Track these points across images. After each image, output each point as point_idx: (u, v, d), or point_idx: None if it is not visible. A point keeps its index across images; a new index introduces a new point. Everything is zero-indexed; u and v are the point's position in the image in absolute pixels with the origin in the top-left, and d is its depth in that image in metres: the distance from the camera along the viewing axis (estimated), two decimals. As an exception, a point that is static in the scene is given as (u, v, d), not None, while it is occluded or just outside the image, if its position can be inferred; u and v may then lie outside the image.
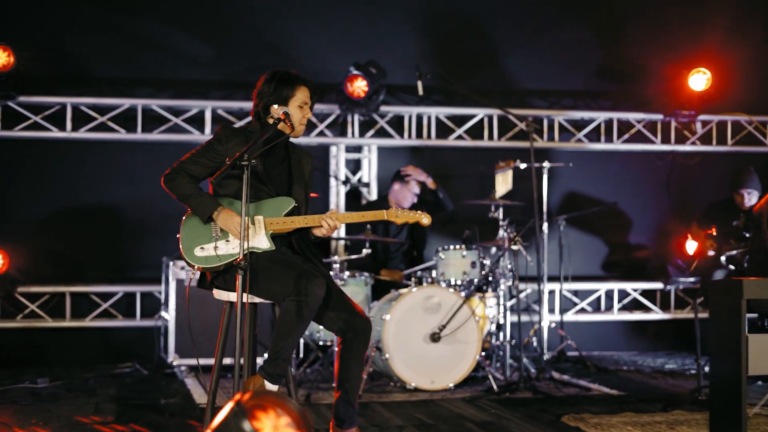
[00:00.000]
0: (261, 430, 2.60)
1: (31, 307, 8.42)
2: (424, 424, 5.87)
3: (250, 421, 2.59)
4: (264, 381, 4.50)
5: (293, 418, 2.66)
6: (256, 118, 4.93)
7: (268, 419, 2.62)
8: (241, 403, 2.64)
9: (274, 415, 2.62)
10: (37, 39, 8.42)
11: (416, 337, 6.96)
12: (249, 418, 2.59)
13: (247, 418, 2.59)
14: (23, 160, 8.53)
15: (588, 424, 5.82)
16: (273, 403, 2.65)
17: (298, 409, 2.70)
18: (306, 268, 4.57)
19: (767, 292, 4.97)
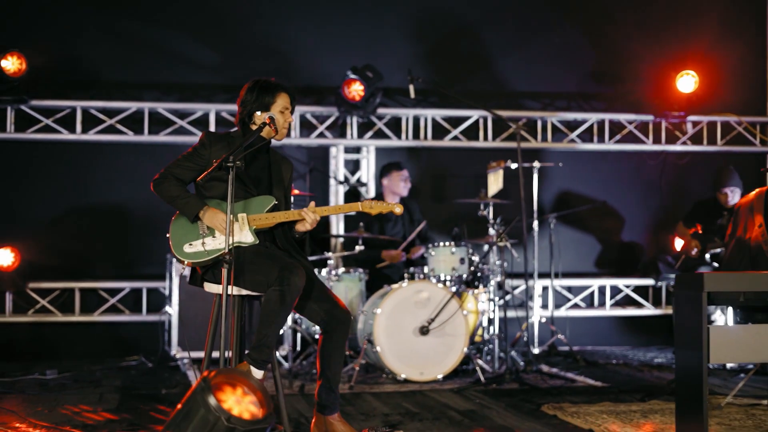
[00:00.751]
0: (225, 404, 2.89)
1: (41, 302, 8.78)
2: (410, 412, 6.16)
3: (215, 394, 2.89)
4: (250, 367, 4.80)
5: (256, 396, 2.96)
6: (241, 125, 5.24)
7: (233, 394, 2.92)
8: (207, 379, 2.94)
9: (236, 389, 2.92)
10: (49, 45, 8.76)
11: (406, 331, 7.26)
12: (214, 392, 2.90)
13: (212, 393, 2.89)
14: (35, 161, 8.89)
15: (566, 412, 6.10)
16: (231, 378, 2.95)
17: (261, 388, 3.00)
18: (287, 261, 4.87)
19: (726, 285, 5.23)
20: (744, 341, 5.30)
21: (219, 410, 2.83)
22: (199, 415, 2.88)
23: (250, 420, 2.88)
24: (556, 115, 9.70)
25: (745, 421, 5.81)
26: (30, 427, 5.54)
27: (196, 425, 2.89)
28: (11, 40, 8.37)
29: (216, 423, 2.85)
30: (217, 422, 2.84)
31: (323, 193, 9.36)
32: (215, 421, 2.85)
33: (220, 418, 2.84)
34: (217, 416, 2.85)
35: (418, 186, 9.49)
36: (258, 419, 2.90)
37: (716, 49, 9.79)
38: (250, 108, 5.20)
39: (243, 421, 2.86)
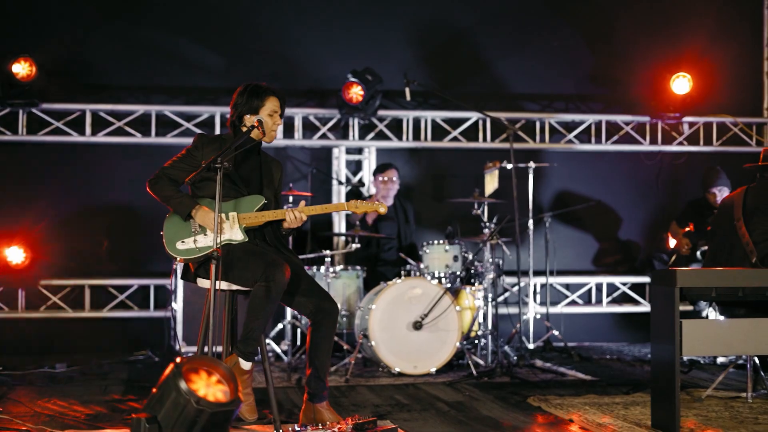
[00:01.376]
0: (195, 388, 3.14)
1: (53, 299, 9.08)
2: (400, 403, 6.40)
3: (185, 379, 3.15)
4: (239, 359, 5.07)
5: (221, 375, 3.21)
6: (232, 127, 5.50)
7: (201, 378, 3.18)
8: (177, 366, 3.19)
9: (205, 374, 3.18)
10: (59, 50, 9.04)
11: (400, 326, 7.51)
12: (185, 377, 3.15)
13: (183, 378, 3.15)
14: (46, 163, 9.18)
15: (550, 404, 6.32)
16: (204, 364, 3.21)
17: (225, 368, 3.25)
18: (273, 258, 5.12)
19: (698, 281, 5.45)
20: (716, 335, 5.53)
21: (189, 394, 3.08)
22: (171, 398, 3.13)
23: (218, 402, 3.12)
24: (554, 117, 9.91)
25: (722, 413, 6.00)
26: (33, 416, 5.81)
27: (169, 407, 3.14)
28: (22, 45, 8.66)
29: (186, 405, 3.09)
30: (187, 404, 3.09)
31: (326, 193, 9.60)
32: (185, 404, 3.09)
33: (189, 401, 3.08)
34: (187, 399, 3.09)
35: (418, 186, 9.73)
36: (226, 401, 3.14)
37: (712, 51, 9.97)
38: (240, 111, 5.46)
39: (211, 404, 3.10)
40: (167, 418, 3.15)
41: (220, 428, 3.20)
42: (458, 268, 7.86)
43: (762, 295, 5.51)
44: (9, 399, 6.44)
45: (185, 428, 3.11)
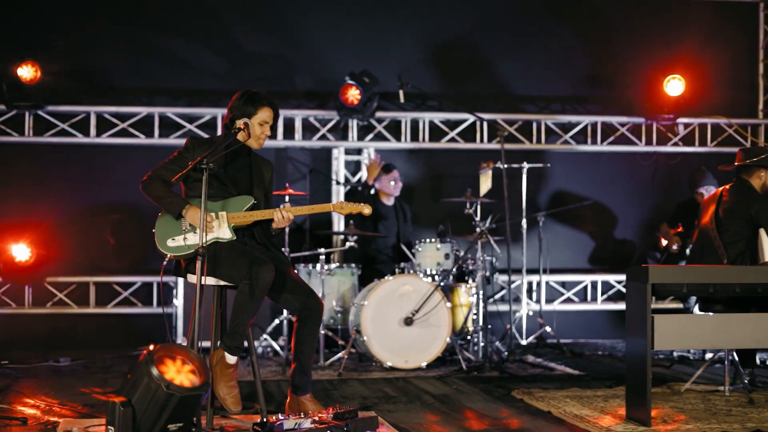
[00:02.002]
0: (165, 374, 3.37)
1: (59, 295, 9.35)
2: (387, 395, 6.62)
3: (156, 366, 3.38)
4: (224, 353, 5.30)
5: (191, 361, 3.44)
6: (225, 129, 5.72)
7: (171, 365, 3.41)
8: (151, 353, 3.42)
9: (174, 360, 3.40)
10: (65, 54, 9.30)
11: (392, 321, 7.72)
12: (156, 364, 3.39)
13: (155, 364, 3.38)
14: (52, 163, 9.43)
15: (533, 397, 6.52)
16: (172, 351, 3.43)
17: (195, 355, 3.48)
18: (258, 256, 5.33)
19: (670, 278, 5.65)
20: (686, 330, 5.74)
21: (160, 379, 3.31)
22: (144, 383, 3.37)
23: (187, 387, 3.35)
24: (551, 118, 10.11)
25: (698, 405, 6.19)
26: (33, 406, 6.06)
27: (142, 391, 3.37)
28: (28, 49, 8.93)
29: (157, 390, 3.32)
30: (158, 389, 3.32)
31: (326, 193, 9.82)
32: (156, 388, 3.32)
33: (160, 386, 3.32)
34: (158, 384, 3.32)
35: (416, 186, 9.94)
36: (195, 386, 3.37)
37: (707, 54, 10.15)
38: (234, 114, 5.67)
39: (180, 388, 3.33)
40: (140, 402, 3.37)
41: (190, 410, 3.43)
42: (449, 266, 8.06)
43: (733, 291, 5.69)
44: (12, 390, 6.69)
45: (157, 411, 3.33)
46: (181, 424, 3.42)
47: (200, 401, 3.48)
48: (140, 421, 3.34)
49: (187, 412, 3.42)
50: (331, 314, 8.24)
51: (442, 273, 8.03)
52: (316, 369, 7.78)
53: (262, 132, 5.66)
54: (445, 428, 5.54)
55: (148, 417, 3.33)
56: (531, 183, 9.88)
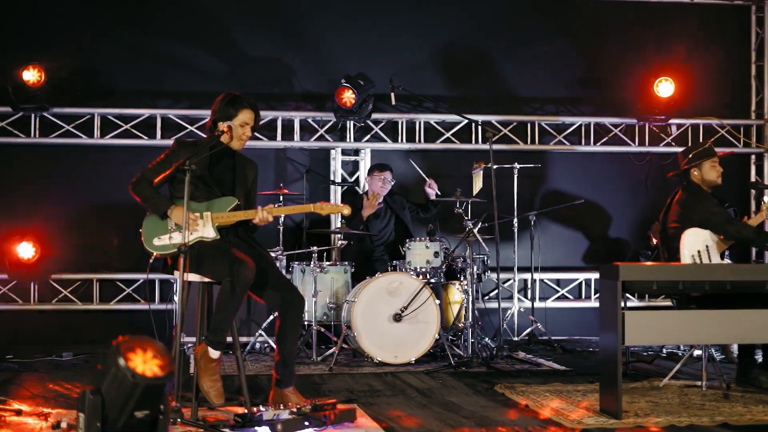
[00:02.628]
0: (131, 364, 3.60)
1: (64, 292, 9.63)
2: (373, 389, 6.84)
3: (123, 356, 3.61)
4: (208, 348, 5.55)
5: (156, 350, 3.67)
6: (209, 131, 5.95)
7: (137, 355, 3.64)
8: (117, 345, 3.66)
9: (140, 351, 3.64)
10: (69, 57, 9.56)
11: (381, 317, 7.94)
12: (123, 354, 3.62)
13: (121, 355, 3.61)
14: (57, 164, 9.71)
15: (515, 391, 6.72)
16: (139, 343, 3.66)
17: (159, 345, 3.71)
18: (239, 255, 5.56)
19: (639, 275, 5.84)
20: (655, 326, 5.92)
21: (125, 369, 3.54)
22: (112, 372, 3.60)
23: (151, 377, 3.58)
24: (545, 119, 10.31)
25: (673, 399, 6.38)
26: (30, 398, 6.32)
27: (110, 380, 3.61)
28: (32, 53, 9.20)
29: (123, 379, 3.55)
30: (124, 378, 3.55)
31: (324, 193, 10.05)
32: (123, 378, 3.55)
33: (126, 375, 3.55)
34: (125, 373, 3.55)
35: (413, 185, 10.13)
36: (159, 376, 3.60)
37: (699, 56, 10.38)
38: (216, 117, 5.92)
39: (145, 378, 3.56)
40: (109, 390, 3.60)
41: (156, 398, 3.65)
42: (438, 264, 8.27)
43: (702, 288, 5.88)
44: (12, 383, 6.96)
45: (123, 399, 3.57)
46: (147, 411, 3.64)
47: (165, 389, 3.70)
48: (109, 408, 3.57)
49: (153, 399, 3.64)
50: (324, 311, 8.45)
51: (431, 271, 8.22)
52: (309, 364, 8.01)
53: (243, 133, 5.90)
54: (422, 419, 5.74)
55: (115, 404, 3.56)
56: (526, 183, 10.13)
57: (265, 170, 9.98)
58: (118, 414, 3.61)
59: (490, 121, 10.17)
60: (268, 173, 9.98)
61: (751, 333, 6.00)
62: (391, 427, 5.50)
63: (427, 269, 8.25)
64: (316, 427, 5.31)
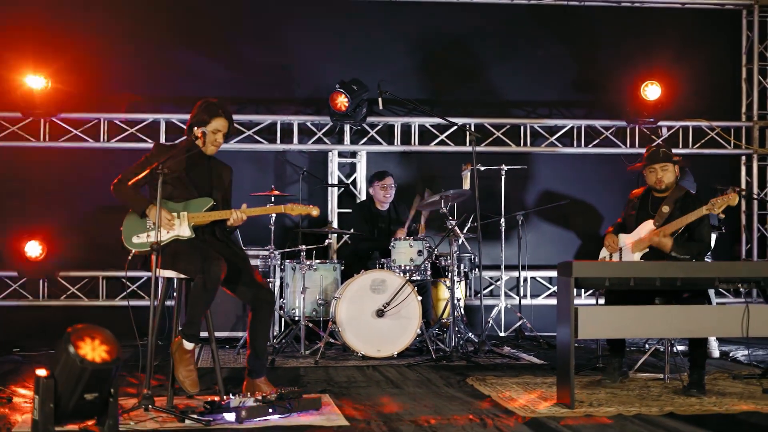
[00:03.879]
0: (80, 351, 3.99)
1: (71, 289, 10.09)
2: (350, 381, 7.19)
3: (73, 344, 3.99)
4: (183, 341, 5.93)
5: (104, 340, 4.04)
6: (187, 135, 6.30)
7: (86, 343, 4.02)
8: (68, 334, 4.04)
9: (89, 339, 4.02)
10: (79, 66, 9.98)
11: (365, 313, 8.28)
12: (73, 342, 4.00)
13: (71, 342, 4.00)
14: (65, 166, 10.14)
15: (485, 383, 7.03)
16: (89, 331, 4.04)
17: (106, 333, 4.08)
18: (211, 254, 5.92)
19: (591, 272, 6.14)
20: (606, 320, 6.24)
21: (75, 356, 3.93)
22: (63, 359, 3.99)
23: (98, 362, 3.97)
24: (538, 122, 10.62)
25: (633, 391, 6.67)
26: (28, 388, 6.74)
27: (62, 365, 4.00)
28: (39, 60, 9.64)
29: (73, 364, 3.94)
30: (73, 364, 3.94)
31: (323, 193, 10.43)
32: (72, 363, 3.94)
33: (75, 361, 3.94)
34: (74, 359, 3.94)
35: (409, 186, 10.45)
36: (105, 362, 3.98)
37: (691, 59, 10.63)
38: (191, 122, 6.27)
39: (92, 363, 3.94)
40: (61, 375, 3.99)
41: (103, 381, 4.04)
42: (421, 261, 8.58)
43: (652, 284, 6.17)
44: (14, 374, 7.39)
45: (73, 382, 3.96)
46: (96, 394, 4.02)
47: (112, 373, 4.07)
48: (61, 391, 3.95)
49: (101, 383, 4.02)
50: (313, 307, 8.81)
51: (414, 268, 8.56)
52: (298, 357, 8.37)
53: (216, 139, 6.25)
54: (385, 407, 6.09)
55: (66, 387, 3.94)
56: (519, 184, 10.45)
57: (266, 172, 10.41)
58: (69, 396, 3.99)
59: (483, 124, 10.49)
60: (268, 175, 10.37)
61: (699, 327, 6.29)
62: (352, 415, 5.85)
63: (411, 267, 8.57)
64: (281, 414, 5.69)
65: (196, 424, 5.47)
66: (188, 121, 6.34)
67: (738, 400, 6.35)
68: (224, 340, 9.09)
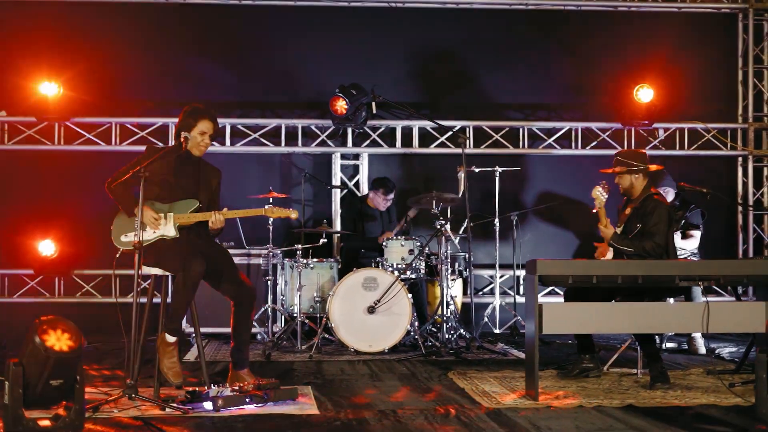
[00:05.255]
0: (46, 341, 4.36)
1: (86, 287, 10.55)
2: (336, 374, 7.53)
3: (38, 334, 4.37)
4: (165, 334, 6.31)
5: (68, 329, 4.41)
6: (175, 139, 6.65)
7: (53, 334, 4.40)
8: (34, 325, 4.42)
9: (54, 330, 4.39)
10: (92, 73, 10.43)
11: (357, 310, 8.62)
12: (38, 332, 4.38)
13: (37, 333, 4.37)
14: (79, 169, 10.58)
15: (464, 377, 7.33)
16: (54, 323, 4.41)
17: (72, 326, 4.45)
18: (192, 252, 6.28)
19: (554, 270, 6.43)
20: (569, 316, 6.53)
21: (39, 344, 4.31)
22: (30, 347, 4.37)
23: (61, 351, 4.34)
24: (534, 124, 10.91)
25: (602, 385, 6.95)
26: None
27: (29, 354, 4.38)
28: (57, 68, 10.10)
29: (38, 353, 4.32)
30: (38, 352, 4.32)
31: (327, 194, 10.78)
32: (37, 352, 4.32)
33: (40, 350, 4.31)
34: (39, 348, 4.32)
35: (410, 187, 10.78)
36: (68, 350, 4.36)
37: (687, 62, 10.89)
38: (179, 127, 6.62)
39: (56, 352, 4.32)
40: (28, 363, 4.37)
41: (68, 368, 4.42)
42: (410, 260, 8.89)
43: (614, 281, 6.45)
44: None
45: (39, 369, 4.34)
46: (61, 380, 4.40)
47: (76, 362, 4.45)
48: (28, 377, 4.33)
49: (66, 371, 4.40)
50: (311, 303, 9.18)
51: (405, 266, 8.87)
52: (294, 352, 8.72)
53: (202, 141, 6.59)
54: (360, 398, 6.44)
55: (33, 374, 4.32)
56: (519, 185, 10.74)
57: (272, 174, 10.79)
58: (36, 382, 4.36)
59: (482, 127, 10.80)
60: (275, 177, 10.76)
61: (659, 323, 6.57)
62: (328, 405, 6.19)
63: (403, 265, 8.89)
64: (257, 403, 6.04)
65: (176, 411, 5.85)
66: (176, 126, 6.68)
67: (702, 394, 6.60)
68: (224, 336, 9.39)
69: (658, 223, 7.13)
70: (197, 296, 9.22)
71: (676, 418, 5.87)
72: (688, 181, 10.01)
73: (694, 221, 9.13)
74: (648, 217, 7.20)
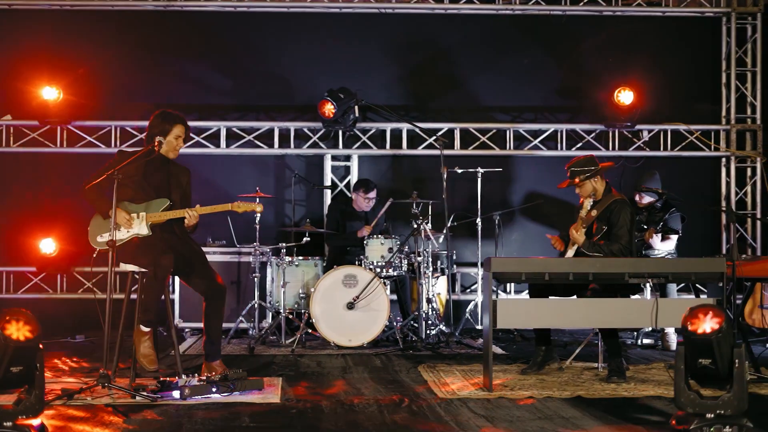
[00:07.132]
0: (6, 331, 4.74)
1: (87, 283, 10.97)
2: (312, 367, 7.88)
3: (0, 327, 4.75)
4: (140, 326, 6.70)
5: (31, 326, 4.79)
6: (146, 143, 7.02)
7: (14, 325, 4.78)
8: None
9: (14, 321, 4.77)
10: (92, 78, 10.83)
11: (338, 306, 8.98)
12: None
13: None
14: (81, 170, 10.88)
15: (433, 370, 7.65)
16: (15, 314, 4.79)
17: (30, 316, 4.83)
18: (162, 248, 6.66)
19: (508, 267, 6.75)
20: (522, 311, 6.86)
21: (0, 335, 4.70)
22: (-8, 337, 4.76)
23: (19, 340, 4.73)
24: (521, 126, 11.21)
25: (560, 378, 7.26)
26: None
27: (-10, 343, 4.77)
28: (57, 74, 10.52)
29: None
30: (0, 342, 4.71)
31: (319, 195, 11.14)
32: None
33: (1, 339, 4.70)
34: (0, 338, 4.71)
35: (399, 188, 11.09)
36: (25, 340, 4.74)
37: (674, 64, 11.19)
38: (152, 132, 6.99)
39: (14, 341, 4.71)
40: (-11, 351, 4.76)
41: (28, 358, 4.81)
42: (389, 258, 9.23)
43: (566, 278, 6.75)
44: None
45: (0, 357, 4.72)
46: (21, 367, 4.79)
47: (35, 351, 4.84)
48: (-10, 365, 4.72)
49: (25, 359, 4.79)
50: (295, 300, 9.54)
51: (386, 264, 9.21)
52: (278, 346, 9.08)
53: (177, 144, 6.99)
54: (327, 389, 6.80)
55: (-6, 361, 4.71)
56: (505, 186, 11.04)
57: (266, 175, 11.14)
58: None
59: (469, 129, 11.11)
60: (269, 178, 11.13)
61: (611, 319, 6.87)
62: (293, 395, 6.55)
63: (382, 263, 9.24)
64: (223, 392, 6.42)
65: (145, 399, 6.24)
66: (147, 130, 7.05)
67: (653, 386, 6.89)
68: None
69: (623, 226, 7.46)
70: (188, 292, 9.78)
71: (615, 408, 6.15)
72: (673, 182, 10.31)
73: (673, 226, 9.39)
74: (613, 218, 7.49)
